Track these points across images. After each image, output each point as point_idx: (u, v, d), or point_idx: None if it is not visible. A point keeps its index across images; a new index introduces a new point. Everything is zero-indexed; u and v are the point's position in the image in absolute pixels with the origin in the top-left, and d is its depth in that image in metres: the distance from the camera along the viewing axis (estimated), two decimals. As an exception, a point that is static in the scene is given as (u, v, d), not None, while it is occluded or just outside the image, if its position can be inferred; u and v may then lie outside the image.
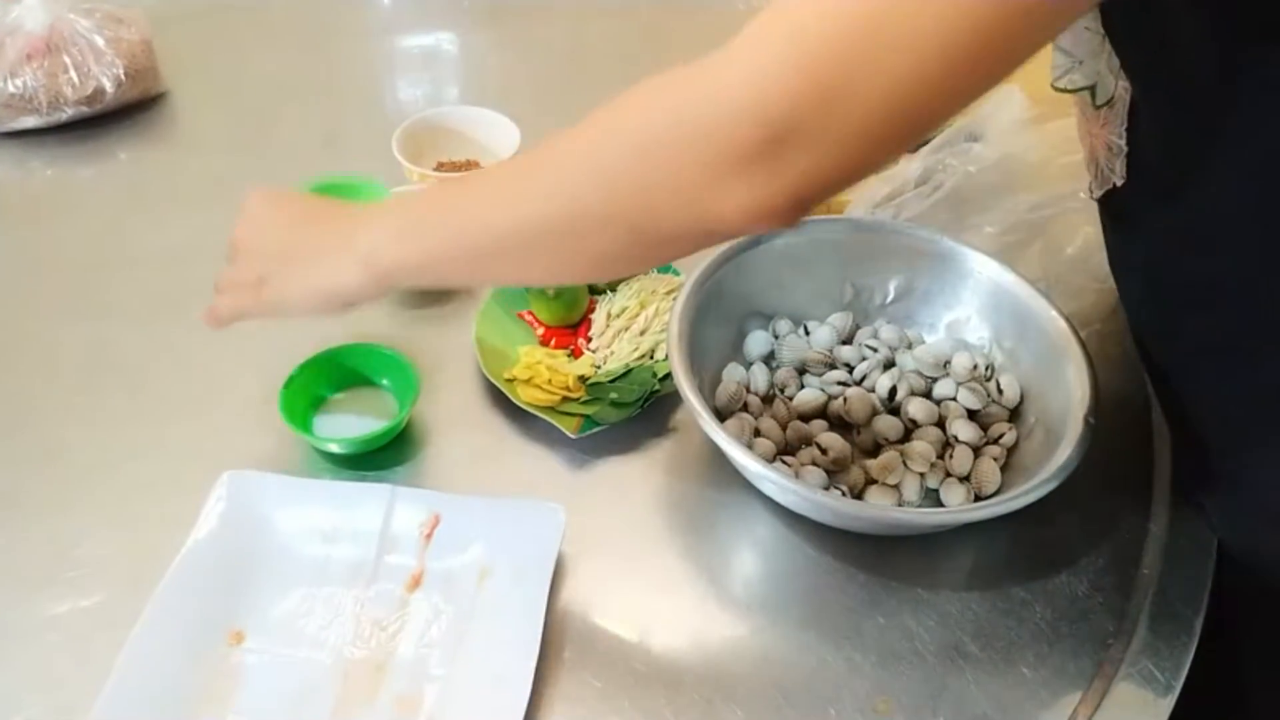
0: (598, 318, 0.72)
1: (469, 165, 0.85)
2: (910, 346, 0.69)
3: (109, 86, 0.91)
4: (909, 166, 0.76)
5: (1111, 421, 0.68)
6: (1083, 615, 0.58)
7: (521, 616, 0.55)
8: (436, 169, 0.84)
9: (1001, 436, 0.64)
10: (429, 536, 0.59)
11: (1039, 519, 0.62)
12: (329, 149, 0.92)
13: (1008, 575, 0.61)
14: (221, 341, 0.73)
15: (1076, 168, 0.75)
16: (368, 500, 0.60)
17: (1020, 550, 0.62)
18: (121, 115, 0.94)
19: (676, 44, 1.07)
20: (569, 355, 0.71)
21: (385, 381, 0.68)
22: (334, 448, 0.65)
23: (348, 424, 0.66)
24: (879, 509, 0.59)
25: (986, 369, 0.67)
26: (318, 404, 0.67)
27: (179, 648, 0.54)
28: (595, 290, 0.74)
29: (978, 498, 0.61)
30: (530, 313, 0.73)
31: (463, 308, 0.75)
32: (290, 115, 0.97)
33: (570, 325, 0.72)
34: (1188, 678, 0.55)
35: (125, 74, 0.92)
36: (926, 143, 0.81)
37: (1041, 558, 0.61)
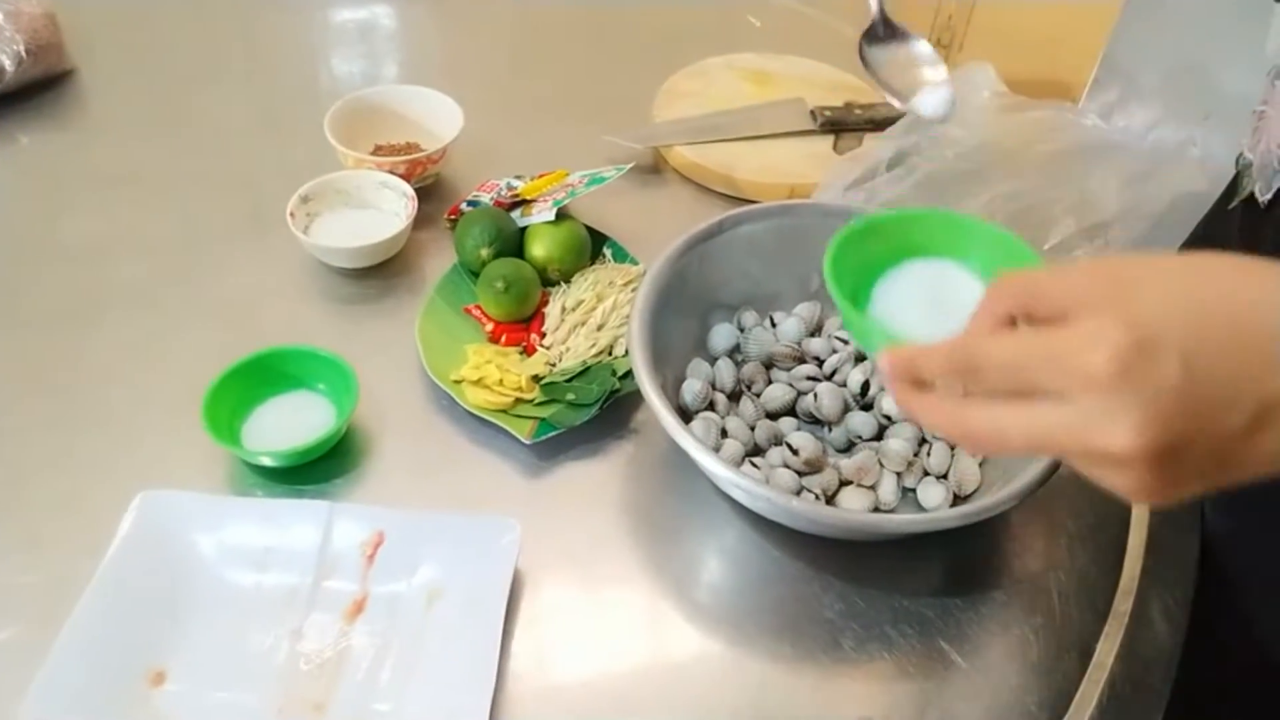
0: (551, 312, 0.67)
1: (409, 149, 0.79)
2: (882, 337, 0.66)
3: (8, 64, 0.83)
4: (880, 147, 0.73)
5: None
6: (1067, 617, 0.56)
7: (475, 643, 0.50)
8: (374, 152, 0.79)
9: (979, 431, 0.61)
10: (371, 558, 0.54)
11: (1019, 516, 0.60)
12: (261, 132, 0.86)
13: (989, 576, 0.58)
14: (138, 344, 0.67)
15: (1057, 156, 0.72)
16: (303, 519, 0.55)
17: (1000, 549, 0.59)
18: (23, 96, 0.86)
19: (625, 21, 1.02)
20: (521, 353, 0.66)
21: (321, 386, 0.63)
22: (265, 460, 0.59)
23: (280, 434, 0.60)
24: (857, 517, 0.55)
25: (961, 359, 0.63)
26: (246, 413, 0.62)
27: (92, 691, 0.48)
28: (548, 282, 0.69)
29: (957, 497, 0.58)
30: (478, 307, 0.68)
31: (404, 303, 0.70)
32: (213, 95, 0.89)
33: (522, 320, 0.67)
34: (1177, 677, 0.53)
35: (26, 51, 0.84)
36: (893, 121, 0.78)
37: (1022, 557, 0.59)
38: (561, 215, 0.70)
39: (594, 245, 0.72)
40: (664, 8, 1.02)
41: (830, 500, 0.58)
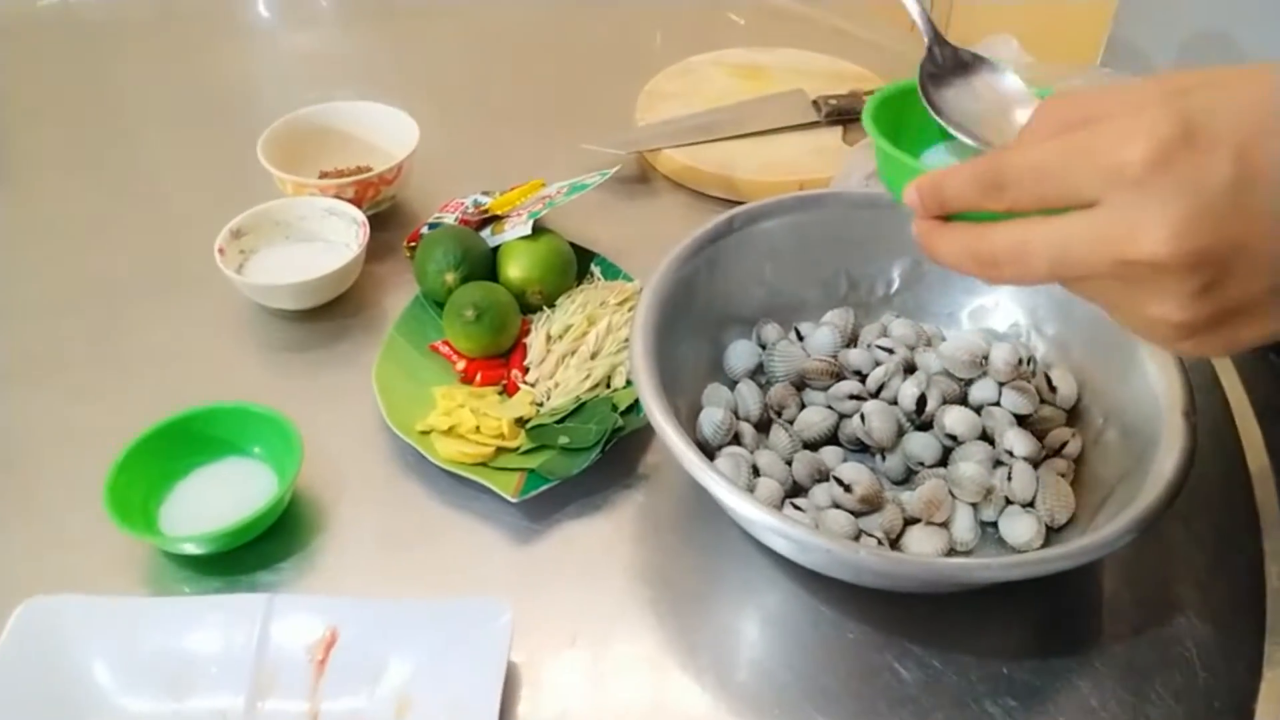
0: (534, 342, 0.56)
1: (360, 171, 0.69)
2: (930, 343, 0.55)
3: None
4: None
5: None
6: (1212, 673, 0.44)
7: (461, 768, 0.38)
8: (321, 178, 0.68)
9: (1064, 445, 0.50)
10: (323, 663, 0.43)
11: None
12: (192, 168, 0.76)
13: (1102, 626, 0.46)
14: (41, 418, 0.56)
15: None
16: (233, 619, 0.43)
17: (1109, 591, 0.48)
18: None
19: (596, 26, 0.93)
20: (501, 393, 0.55)
21: (256, 450, 0.51)
22: (188, 548, 0.48)
23: (208, 513, 0.49)
24: (941, 565, 0.44)
25: (1028, 362, 0.53)
26: (165, 490, 0.50)
27: None
28: (528, 308, 0.58)
29: (1049, 529, 0.47)
30: (446, 343, 0.57)
31: (361, 347, 0.59)
32: (152, 134, 0.80)
33: (499, 354, 0.56)
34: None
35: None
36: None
37: (1139, 598, 0.47)
38: (539, 230, 0.59)
39: (580, 264, 0.61)
40: (636, 11, 0.94)
41: (894, 544, 0.47)
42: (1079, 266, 0.30)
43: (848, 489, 0.47)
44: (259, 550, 0.49)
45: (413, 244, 0.64)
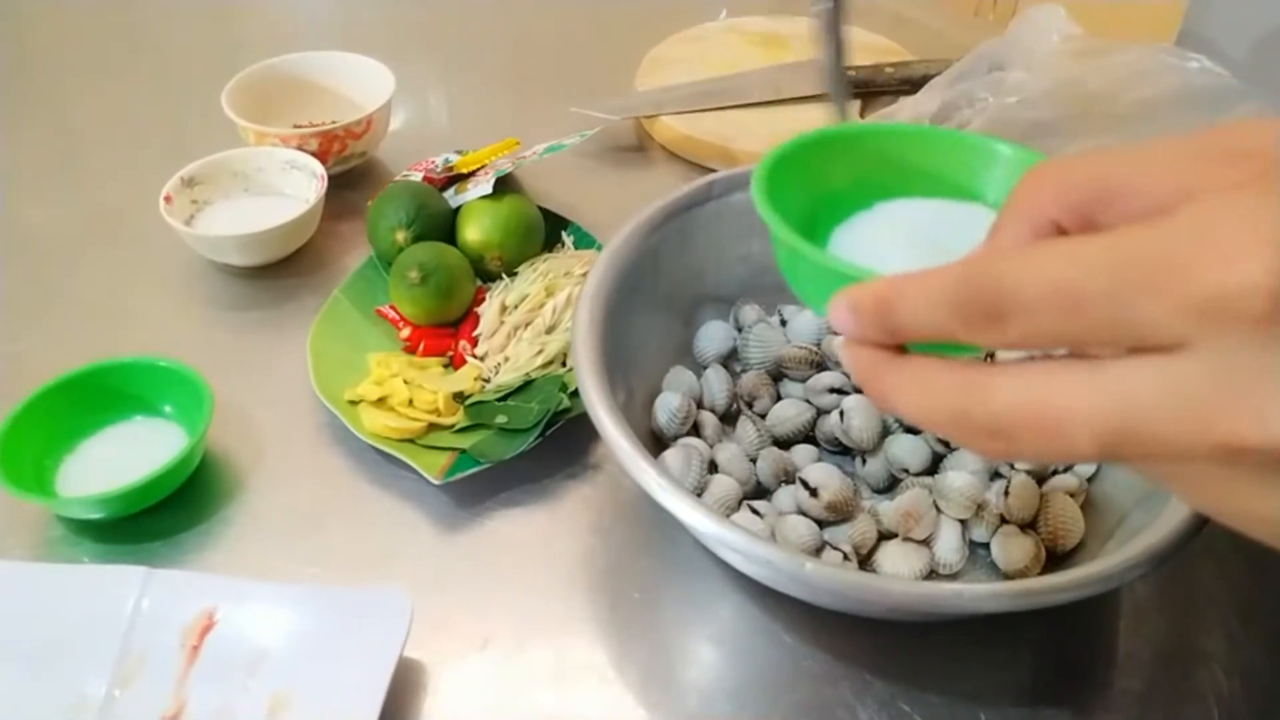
0: (487, 311, 0.51)
1: (333, 124, 0.64)
2: (931, 337, 0.49)
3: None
4: (922, 100, 0.56)
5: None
6: (1232, 739, 0.37)
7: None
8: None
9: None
10: (196, 649, 0.38)
11: (1142, 579, 0.42)
12: (151, 117, 0.72)
13: (1107, 674, 0.39)
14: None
15: (1156, 104, 0.55)
16: (105, 592, 0.39)
17: (1119, 632, 0.41)
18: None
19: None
20: (445, 365, 0.49)
21: (167, 409, 0.47)
22: (80, 511, 0.43)
23: (112, 475, 0.44)
24: (908, 588, 0.37)
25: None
26: (66, 449, 0.46)
27: None
28: (487, 276, 0.53)
29: (1051, 555, 0.40)
30: (393, 307, 0.52)
31: (308, 308, 0.54)
32: (123, 78, 0.76)
33: (448, 323, 0.51)
34: None
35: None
36: (930, 78, 0.62)
37: (1155, 643, 0.40)
38: (505, 191, 0.54)
39: (553, 232, 0.56)
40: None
41: (865, 562, 0.41)
42: (1151, 447, 0.19)
43: (814, 493, 0.41)
44: (163, 518, 0.45)
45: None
